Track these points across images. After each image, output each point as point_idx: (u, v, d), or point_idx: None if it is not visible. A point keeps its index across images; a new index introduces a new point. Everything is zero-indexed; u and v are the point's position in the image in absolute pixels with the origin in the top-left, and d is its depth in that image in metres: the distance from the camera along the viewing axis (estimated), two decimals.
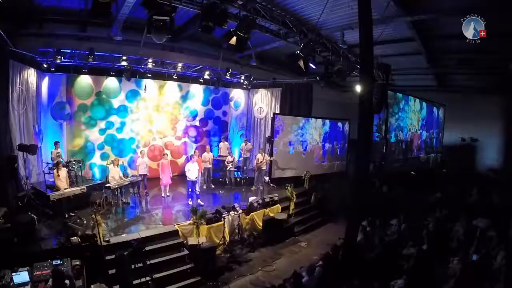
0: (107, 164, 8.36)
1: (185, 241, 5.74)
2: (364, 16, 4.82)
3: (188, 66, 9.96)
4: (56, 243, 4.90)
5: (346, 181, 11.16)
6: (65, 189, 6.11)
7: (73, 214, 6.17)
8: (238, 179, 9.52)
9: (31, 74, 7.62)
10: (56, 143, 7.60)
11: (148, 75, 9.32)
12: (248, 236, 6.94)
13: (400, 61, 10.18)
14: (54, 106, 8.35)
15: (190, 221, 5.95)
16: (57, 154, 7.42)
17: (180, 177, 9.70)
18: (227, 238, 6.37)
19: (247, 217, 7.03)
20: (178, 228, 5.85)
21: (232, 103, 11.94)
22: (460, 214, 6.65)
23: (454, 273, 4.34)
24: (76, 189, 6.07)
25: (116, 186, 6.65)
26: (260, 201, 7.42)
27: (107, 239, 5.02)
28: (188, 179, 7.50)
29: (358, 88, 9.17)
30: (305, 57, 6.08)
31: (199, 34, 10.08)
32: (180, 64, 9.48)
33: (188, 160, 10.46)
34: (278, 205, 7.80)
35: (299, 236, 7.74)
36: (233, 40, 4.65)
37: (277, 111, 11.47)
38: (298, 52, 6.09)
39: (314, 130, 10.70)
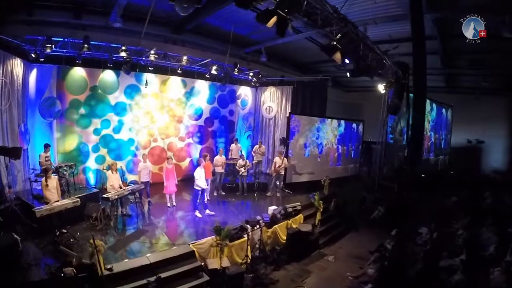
0: (103, 169, 7.42)
1: (202, 263, 4.91)
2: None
3: (194, 60, 9.06)
4: (45, 272, 3.99)
5: (361, 185, 10.69)
6: (55, 201, 5.17)
7: (64, 231, 5.23)
8: (250, 185, 8.70)
9: (16, 65, 6.57)
10: (46, 145, 6.59)
11: (149, 68, 8.38)
12: (271, 252, 6.17)
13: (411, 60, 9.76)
14: (43, 102, 7.31)
15: (210, 240, 5.11)
16: (46, 159, 6.43)
17: (184, 181, 8.89)
18: (249, 255, 5.58)
19: (269, 230, 6.25)
20: (194, 248, 5.00)
21: (239, 101, 11.08)
22: (483, 219, 6.33)
23: (499, 285, 3.99)
24: (67, 202, 5.12)
25: (116, 197, 5.74)
26: (283, 212, 6.64)
27: (109, 266, 4.13)
28: (196, 187, 6.64)
29: (381, 88, 8.55)
30: (342, 49, 5.35)
31: (204, 26, 9.28)
32: (185, 58, 8.55)
33: (193, 164, 9.66)
34: (301, 214, 7.08)
35: (324, 249, 7.05)
36: (272, 21, 3.81)
37: (288, 111, 10.72)
38: (335, 43, 5.33)
39: (330, 131, 9.97)
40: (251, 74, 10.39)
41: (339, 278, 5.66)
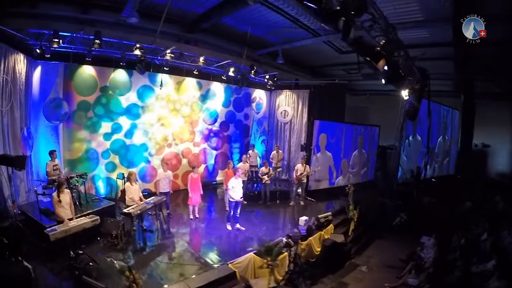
0: (117, 178, 6.72)
1: (244, 284, 4.34)
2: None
3: (210, 61, 8.50)
4: None
5: (376, 191, 10.42)
6: (69, 219, 4.46)
7: (81, 252, 4.54)
8: (272, 193, 8.19)
9: (19, 61, 5.83)
10: (52, 152, 5.84)
11: (164, 68, 7.75)
12: (306, 265, 5.72)
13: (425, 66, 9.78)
14: (48, 104, 6.55)
15: (248, 257, 4.55)
16: (55, 168, 5.70)
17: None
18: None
19: (303, 242, 5.79)
20: (234, 269, 4.42)
21: (254, 105, 10.56)
22: (500, 224, 6.23)
23: None
24: (85, 221, 4.40)
25: (139, 212, 5.08)
26: (316, 222, 6.27)
27: None
28: (230, 199, 6.04)
29: (404, 94, 8.30)
30: (387, 55, 5.02)
31: (219, 26, 8.77)
32: (201, 58, 7.98)
33: (208, 171, 9.05)
34: (332, 224, 6.69)
35: (355, 259, 6.73)
36: (340, 22, 3.41)
37: (305, 115, 10.34)
38: (379, 49, 4.99)
39: (348, 136, 9.61)
40: (267, 77, 9.94)
41: None
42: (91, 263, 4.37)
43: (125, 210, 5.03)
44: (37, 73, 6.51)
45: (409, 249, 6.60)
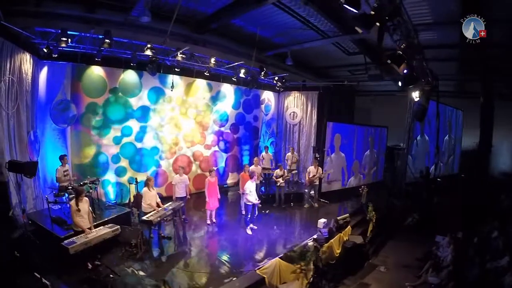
0: (129, 183, 6.40)
1: None
2: None
3: (221, 62, 8.30)
4: None
5: (385, 191, 10.38)
6: (87, 228, 4.15)
7: (98, 263, 4.23)
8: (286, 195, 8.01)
9: (26, 61, 5.50)
10: (62, 157, 5.51)
11: (175, 69, 7.50)
12: (327, 267, 5.56)
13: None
14: (55, 106, 6.23)
15: (274, 262, 4.35)
16: (65, 173, 5.36)
17: None
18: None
19: (325, 245, 5.70)
20: (262, 274, 4.20)
21: (263, 106, 10.39)
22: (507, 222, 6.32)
23: None
24: (106, 231, 4.09)
25: (159, 219, 4.79)
26: (335, 224, 6.22)
27: None
28: (247, 202, 5.84)
29: (414, 95, 8.31)
30: (408, 59, 5.00)
31: (227, 27, 8.61)
32: (213, 60, 7.77)
33: (219, 174, 8.78)
34: (349, 226, 6.64)
35: (373, 259, 6.71)
36: (375, 27, 3.36)
37: (315, 117, 10.21)
38: (400, 53, 4.95)
39: (360, 137, 9.52)
40: (276, 78, 9.80)
41: None
42: (111, 275, 4.06)
43: (145, 218, 4.74)
44: (43, 74, 6.18)
45: (422, 248, 6.67)
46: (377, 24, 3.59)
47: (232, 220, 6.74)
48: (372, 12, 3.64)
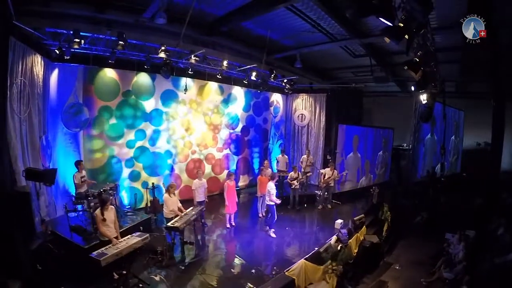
0: (147, 188, 6.20)
1: None
2: None
3: (232, 65, 8.21)
4: None
5: (391, 191, 10.46)
6: (114, 237, 3.94)
7: (124, 272, 4.03)
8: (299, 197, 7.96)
9: (37, 63, 5.28)
10: (79, 163, 5.29)
11: (189, 72, 7.36)
12: (347, 267, 5.56)
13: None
14: (66, 110, 5.99)
15: (301, 263, 4.28)
16: (82, 179, 5.15)
17: (222, 195, 7.84)
18: None
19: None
20: (292, 277, 4.12)
21: (272, 108, 10.33)
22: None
23: None
24: (136, 241, 3.86)
25: (184, 225, 4.63)
26: (353, 225, 6.29)
27: None
28: (269, 203, 5.74)
29: (423, 98, 8.43)
30: (424, 66, 5.03)
31: (236, 29, 8.55)
32: (225, 62, 7.69)
33: (237, 175, 8.66)
34: (364, 226, 6.70)
35: (387, 258, 6.81)
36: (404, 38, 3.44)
37: (323, 119, 10.21)
38: (417, 59, 5.00)
39: (370, 138, 9.57)
40: (285, 80, 9.77)
41: (415, 285, 5.61)
42: (140, 284, 3.88)
43: (170, 224, 4.57)
44: (54, 76, 5.95)
45: (431, 246, 6.84)
46: (406, 36, 3.60)
47: (250, 223, 6.65)
48: (401, 24, 3.65)
